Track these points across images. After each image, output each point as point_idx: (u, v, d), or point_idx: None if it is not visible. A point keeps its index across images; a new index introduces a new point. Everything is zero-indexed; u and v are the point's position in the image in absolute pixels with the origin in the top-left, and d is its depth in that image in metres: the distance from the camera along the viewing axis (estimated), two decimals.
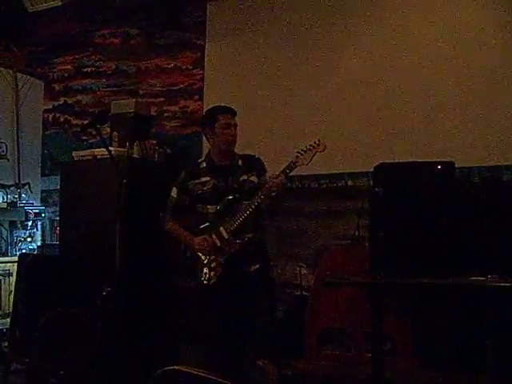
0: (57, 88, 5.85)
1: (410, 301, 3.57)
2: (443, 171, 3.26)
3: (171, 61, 5.28)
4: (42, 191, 5.75)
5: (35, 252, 5.25)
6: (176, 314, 4.16)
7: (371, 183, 3.84)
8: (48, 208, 5.55)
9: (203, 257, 3.21)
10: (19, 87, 5.64)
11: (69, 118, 5.76)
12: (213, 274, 3.15)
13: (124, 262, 3.30)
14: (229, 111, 3.32)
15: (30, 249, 5.32)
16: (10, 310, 4.34)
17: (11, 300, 4.40)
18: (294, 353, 3.81)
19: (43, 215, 5.39)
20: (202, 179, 3.29)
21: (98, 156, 4.33)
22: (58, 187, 4.78)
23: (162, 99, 5.27)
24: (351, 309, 3.69)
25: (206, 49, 5.11)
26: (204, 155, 4.91)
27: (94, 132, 3.88)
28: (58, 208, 4.84)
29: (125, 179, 3.29)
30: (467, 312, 3.37)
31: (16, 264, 4.40)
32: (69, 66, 5.80)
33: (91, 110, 5.54)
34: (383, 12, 4.45)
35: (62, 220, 4.62)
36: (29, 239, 5.36)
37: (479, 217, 2.88)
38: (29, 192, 5.52)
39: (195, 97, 5.14)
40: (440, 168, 3.27)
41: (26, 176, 5.58)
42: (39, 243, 5.42)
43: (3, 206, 5.23)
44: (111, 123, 4.62)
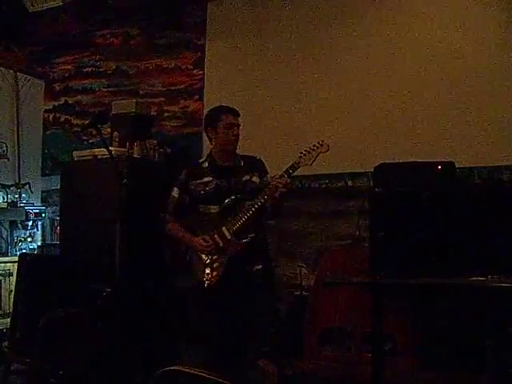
0: (57, 88, 5.85)
1: (410, 301, 3.57)
2: (443, 171, 3.27)
3: (171, 61, 5.28)
4: (43, 191, 5.75)
5: (35, 252, 5.25)
6: (176, 314, 4.16)
7: (371, 183, 3.84)
8: (48, 208, 5.55)
9: (205, 257, 3.20)
10: (20, 87, 5.64)
11: (69, 118, 5.76)
12: (215, 274, 3.15)
13: (124, 262, 3.30)
14: (232, 111, 3.32)
15: (31, 249, 5.32)
16: (10, 310, 4.34)
17: (11, 300, 4.40)
18: (294, 353, 3.81)
19: (43, 215, 5.39)
20: (205, 179, 3.29)
21: (99, 156, 4.34)
22: (59, 187, 4.79)
23: (163, 99, 5.27)
24: (351, 309, 3.69)
25: (207, 49, 5.11)
26: (204, 155, 4.97)
27: (95, 132, 3.88)
28: (59, 208, 4.85)
29: (125, 179, 3.29)
30: (467, 312, 3.37)
31: (16, 264, 4.39)
32: (69, 66, 5.80)
33: (91, 110, 5.54)
34: (384, 12, 4.44)
35: (63, 220, 4.63)
36: (29, 239, 5.36)
37: (479, 217, 2.88)
38: (29, 192, 5.51)
39: (195, 97, 5.14)
40: (440, 168, 3.27)
41: (27, 176, 5.58)
42: (39, 243, 5.41)
43: (3, 206, 5.23)
44: (111, 123, 4.63)
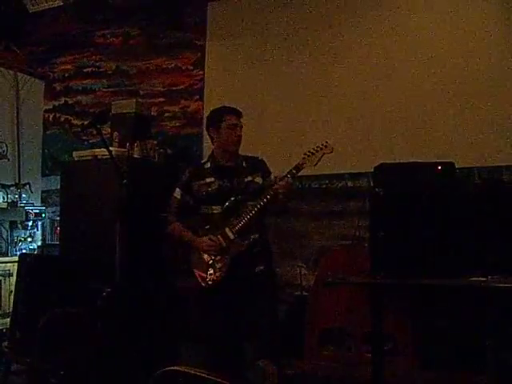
0: (57, 88, 5.85)
1: (410, 301, 3.57)
2: (443, 171, 3.26)
3: (172, 61, 5.28)
4: (43, 191, 5.75)
5: (35, 252, 5.26)
6: (176, 314, 4.16)
7: (371, 184, 3.84)
8: (48, 208, 5.55)
9: (208, 257, 3.20)
10: (20, 87, 5.64)
11: (69, 118, 5.76)
12: (218, 275, 3.15)
13: (124, 262, 3.30)
14: (235, 112, 3.31)
15: (31, 249, 5.32)
16: (11, 310, 4.34)
17: (11, 300, 4.40)
18: (295, 353, 3.81)
19: (43, 215, 5.39)
20: (207, 180, 3.28)
21: (99, 156, 4.33)
22: (59, 187, 4.78)
23: (163, 99, 5.28)
24: (351, 309, 3.69)
25: (207, 49, 5.11)
26: (204, 156, 4.97)
27: (95, 132, 3.88)
28: (59, 208, 4.84)
29: (125, 179, 3.28)
30: (467, 312, 3.37)
31: (16, 264, 4.39)
32: (69, 66, 5.80)
33: (92, 110, 5.55)
34: (383, 13, 4.44)
35: (63, 220, 4.63)
36: (29, 239, 5.36)
37: (479, 217, 2.88)
38: (29, 192, 5.51)
39: (195, 97, 5.14)
40: (440, 168, 3.27)
41: (27, 176, 5.58)
42: (39, 243, 5.42)
43: (3, 206, 5.22)
44: (112, 123, 4.63)
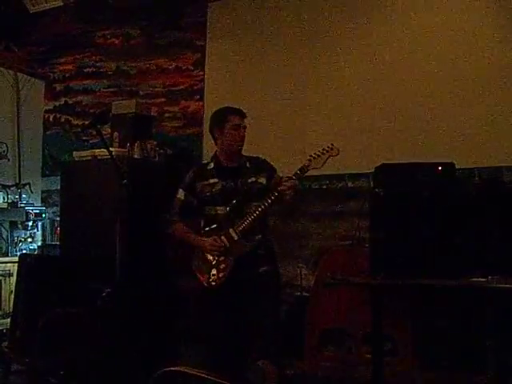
0: (57, 88, 5.86)
1: (411, 301, 3.57)
2: (444, 172, 3.26)
3: (172, 61, 5.28)
4: (43, 191, 5.76)
5: (35, 252, 5.26)
6: (176, 314, 4.16)
7: (371, 184, 3.84)
8: (48, 208, 5.55)
9: (211, 258, 3.19)
10: (20, 87, 5.65)
11: (69, 119, 5.76)
12: (221, 275, 3.14)
13: (124, 262, 3.30)
14: (239, 112, 3.30)
15: (31, 249, 5.32)
16: (11, 310, 4.34)
17: (12, 300, 4.40)
18: (295, 353, 3.81)
19: (43, 215, 5.39)
20: (211, 181, 3.27)
21: (99, 156, 4.34)
22: (59, 187, 4.79)
23: (163, 100, 5.28)
24: (351, 309, 3.69)
25: (207, 49, 5.11)
26: (204, 156, 4.98)
27: (95, 132, 3.88)
28: (59, 208, 4.85)
29: (125, 180, 3.28)
30: (467, 312, 3.37)
31: (16, 264, 4.40)
32: (70, 67, 5.80)
33: (92, 111, 5.55)
34: (383, 13, 4.44)
35: (63, 220, 4.63)
36: (29, 239, 5.36)
37: (480, 218, 2.88)
38: (29, 192, 5.51)
39: (196, 97, 5.15)
40: (440, 169, 3.27)
41: (27, 176, 5.59)
42: (39, 243, 5.42)
43: (4, 206, 5.23)
44: (112, 124, 4.63)
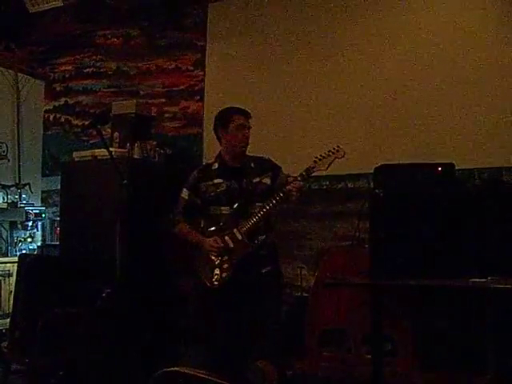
0: (57, 88, 5.86)
1: (410, 302, 3.57)
2: (443, 173, 3.26)
3: (172, 61, 5.28)
4: (43, 191, 5.76)
5: (35, 252, 5.25)
6: (176, 315, 4.16)
7: (371, 185, 3.84)
8: (48, 208, 5.55)
9: (215, 258, 3.19)
10: (20, 87, 5.65)
11: (69, 119, 5.77)
12: (224, 275, 3.14)
13: (124, 262, 3.30)
14: (244, 113, 3.30)
15: (31, 249, 5.32)
16: (10, 311, 4.34)
17: (11, 300, 4.40)
18: (295, 354, 3.81)
19: (43, 215, 5.40)
20: (215, 181, 3.27)
21: (99, 156, 4.34)
22: (59, 187, 4.79)
23: (163, 100, 5.28)
24: (351, 310, 3.69)
25: (207, 50, 5.11)
26: (204, 156, 4.98)
27: (95, 132, 3.89)
28: (59, 208, 4.85)
29: (125, 180, 3.29)
30: (467, 313, 3.37)
31: (16, 264, 4.39)
32: (69, 67, 5.80)
33: (92, 111, 5.56)
34: (384, 14, 4.45)
35: (63, 220, 4.63)
36: (29, 239, 5.36)
37: (479, 218, 2.88)
38: (29, 192, 5.51)
39: (196, 98, 5.15)
40: (440, 169, 3.27)
41: (27, 176, 5.59)
42: (39, 243, 5.42)
43: (3, 207, 5.23)
44: (112, 124, 4.63)
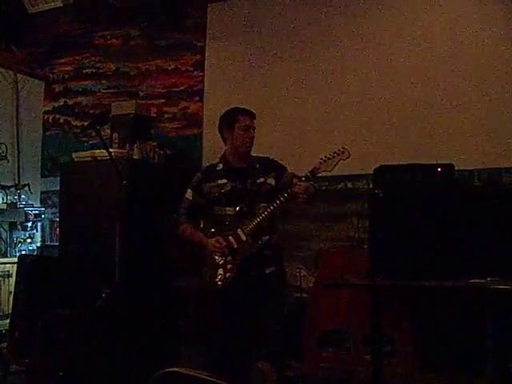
0: (57, 89, 5.86)
1: (410, 302, 3.57)
2: (443, 173, 3.27)
3: (171, 62, 5.29)
4: (42, 192, 5.76)
5: (35, 253, 5.25)
6: (176, 315, 4.16)
7: (370, 185, 3.84)
8: (48, 209, 5.55)
9: (218, 258, 3.18)
10: (19, 88, 5.64)
11: (69, 119, 5.76)
12: (228, 276, 3.14)
13: (123, 263, 3.30)
14: (249, 113, 3.29)
15: (30, 250, 5.31)
16: (10, 311, 4.34)
17: (11, 301, 4.39)
18: (294, 354, 3.81)
19: (43, 216, 5.39)
20: (219, 182, 3.25)
21: (98, 157, 4.34)
22: (58, 188, 4.78)
23: (163, 101, 5.28)
24: (351, 310, 3.69)
25: (207, 50, 5.12)
26: (204, 157, 4.99)
27: (94, 133, 3.88)
28: (58, 209, 4.84)
29: (125, 180, 3.28)
30: (467, 314, 3.37)
31: (15, 265, 4.39)
32: (69, 67, 5.80)
33: (91, 112, 5.55)
34: (384, 15, 4.45)
35: (62, 221, 4.63)
36: (28, 240, 5.35)
37: (479, 219, 2.88)
38: (28, 193, 5.51)
39: (195, 98, 5.15)
40: (440, 170, 3.27)
41: (26, 177, 5.58)
42: (39, 244, 5.41)
43: (3, 207, 5.22)
44: (111, 124, 4.64)
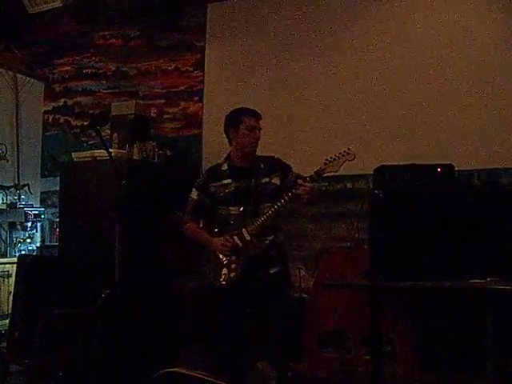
0: (57, 89, 5.86)
1: (410, 303, 3.57)
2: (443, 174, 3.27)
3: (171, 62, 5.29)
4: (42, 192, 5.76)
5: (34, 253, 5.25)
6: (176, 315, 4.16)
7: (370, 185, 3.84)
8: (47, 209, 5.55)
9: (223, 258, 3.18)
10: (19, 88, 5.64)
11: (69, 120, 5.76)
12: (232, 275, 3.14)
13: (123, 263, 3.30)
14: (254, 114, 3.29)
15: (30, 250, 5.31)
16: (9, 311, 4.34)
17: (10, 301, 4.39)
18: (294, 355, 3.80)
19: (43, 216, 5.39)
20: (224, 181, 3.26)
21: (98, 157, 4.34)
22: (58, 188, 4.79)
23: (162, 101, 5.28)
24: (350, 311, 3.68)
25: (207, 50, 5.12)
26: (204, 157, 4.99)
27: (94, 133, 3.88)
28: (58, 209, 4.84)
29: (124, 180, 3.28)
30: (467, 314, 3.37)
31: (15, 265, 4.39)
32: (69, 68, 5.80)
33: (91, 112, 5.55)
34: (384, 15, 4.45)
35: (62, 221, 4.63)
36: (28, 240, 5.35)
37: (479, 219, 2.88)
38: (28, 193, 5.51)
39: (195, 98, 5.15)
40: (439, 170, 3.27)
41: (26, 177, 5.58)
42: (38, 244, 5.41)
43: (3, 207, 5.22)
44: (111, 125, 4.64)
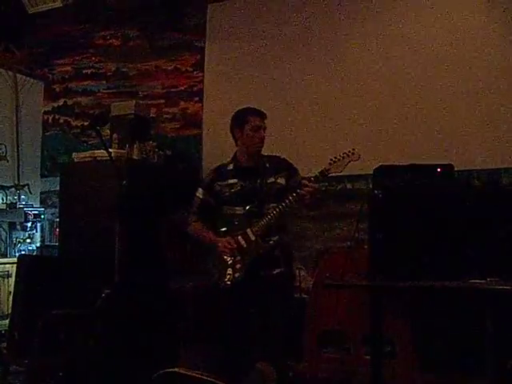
0: (57, 89, 5.86)
1: (410, 303, 3.57)
2: (443, 174, 3.26)
3: (171, 63, 5.29)
4: (42, 192, 5.76)
5: (34, 253, 5.25)
6: (176, 315, 4.16)
7: (370, 186, 3.84)
8: (47, 209, 5.55)
9: (227, 257, 3.19)
10: (19, 88, 5.64)
11: (69, 120, 5.77)
12: (237, 275, 3.14)
13: (123, 263, 3.30)
14: (259, 114, 3.30)
15: (30, 250, 5.31)
16: (9, 312, 4.34)
17: (10, 301, 4.39)
18: (294, 355, 3.80)
19: (42, 216, 5.39)
20: (230, 181, 3.27)
21: (98, 157, 4.34)
22: (58, 188, 4.79)
23: (162, 101, 5.28)
24: (350, 311, 3.68)
25: (206, 51, 5.12)
26: (204, 157, 4.99)
27: (94, 133, 3.89)
28: (58, 209, 4.84)
29: (124, 181, 3.29)
30: (467, 314, 3.37)
31: (15, 265, 4.39)
32: (69, 68, 5.80)
33: (91, 112, 5.55)
34: (385, 15, 4.45)
35: (62, 221, 4.63)
36: (28, 240, 5.35)
37: (478, 219, 2.88)
38: (28, 193, 5.51)
39: (195, 99, 5.15)
40: (439, 170, 3.27)
41: (26, 177, 5.58)
42: (38, 244, 5.41)
43: (3, 207, 5.23)
44: (111, 125, 4.63)
